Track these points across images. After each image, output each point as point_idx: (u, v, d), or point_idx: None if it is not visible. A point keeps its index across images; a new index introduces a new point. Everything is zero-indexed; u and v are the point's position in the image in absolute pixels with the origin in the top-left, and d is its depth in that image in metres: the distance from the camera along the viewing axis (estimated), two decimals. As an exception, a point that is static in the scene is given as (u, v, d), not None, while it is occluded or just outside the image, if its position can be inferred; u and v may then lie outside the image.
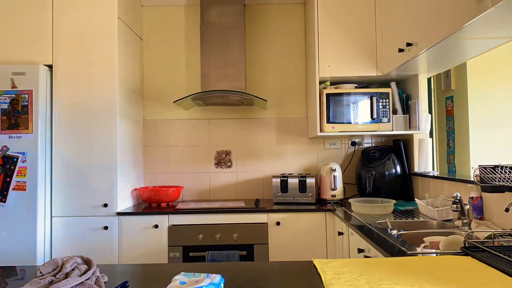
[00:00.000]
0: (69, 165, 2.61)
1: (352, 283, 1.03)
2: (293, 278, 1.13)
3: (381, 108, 2.74)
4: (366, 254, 1.81)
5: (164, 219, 2.61)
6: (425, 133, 2.78)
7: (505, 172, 1.48)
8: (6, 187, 2.46)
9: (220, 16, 2.97)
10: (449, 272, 1.12)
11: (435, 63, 2.36)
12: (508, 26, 1.59)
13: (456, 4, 1.62)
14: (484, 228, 1.78)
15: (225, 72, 2.94)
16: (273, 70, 3.29)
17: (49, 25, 2.66)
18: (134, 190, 2.98)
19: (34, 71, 2.53)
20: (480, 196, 1.93)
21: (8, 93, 2.51)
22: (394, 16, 2.44)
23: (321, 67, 2.76)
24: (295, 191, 2.85)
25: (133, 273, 1.26)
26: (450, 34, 1.70)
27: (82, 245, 2.58)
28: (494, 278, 1.06)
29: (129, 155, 2.87)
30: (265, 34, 3.30)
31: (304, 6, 3.30)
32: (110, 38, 2.66)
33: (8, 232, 2.47)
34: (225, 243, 2.60)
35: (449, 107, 3.40)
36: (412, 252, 1.42)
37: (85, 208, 2.60)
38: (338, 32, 2.77)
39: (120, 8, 2.72)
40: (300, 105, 3.28)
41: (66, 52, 2.65)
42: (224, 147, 3.25)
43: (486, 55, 2.23)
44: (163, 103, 3.25)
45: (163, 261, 2.58)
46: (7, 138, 2.50)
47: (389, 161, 2.82)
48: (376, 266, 1.18)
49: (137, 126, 3.09)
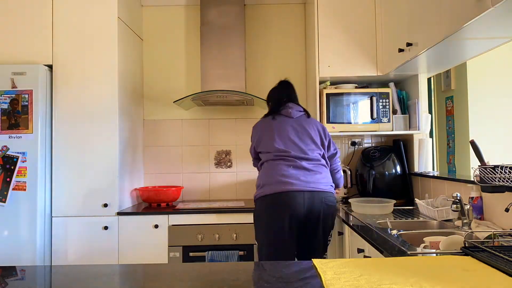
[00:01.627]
0: (69, 165, 2.61)
1: (352, 283, 1.03)
2: (293, 278, 1.13)
3: (381, 108, 2.74)
4: (366, 254, 1.81)
5: (164, 219, 2.61)
6: (425, 133, 2.77)
7: (505, 172, 1.48)
8: (6, 187, 2.46)
9: (220, 16, 2.97)
10: (449, 272, 1.12)
11: (435, 63, 2.36)
12: (508, 26, 1.59)
13: (456, 4, 1.62)
14: (484, 228, 1.78)
15: (225, 72, 2.94)
16: (273, 70, 3.29)
17: (49, 25, 2.66)
18: (134, 190, 2.98)
19: (34, 71, 2.53)
20: (480, 196, 1.93)
21: (8, 93, 2.51)
22: (394, 16, 2.44)
23: (321, 67, 2.76)
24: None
25: (133, 273, 1.26)
26: (450, 34, 1.70)
27: (82, 245, 2.58)
28: (494, 278, 1.06)
29: (129, 155, 2.87)
30: (265, 34, 3.30)
31: (304, 6, 3.30)
32: (110, 38, 2.66)
33: (8, 232, 2.47)
34: (225, 243, 2.60)
35: (449, 107, 3.40)
36: (412, 252, 1.42)
37: (85, 208, 2.60)
38: (338, 32, 2.77)
39: (120, 8, 2.72)
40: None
41: (66, 52, 2.65)
42: (224, 147, 3.25)
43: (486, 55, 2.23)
44: (163, 103, 3.25)
45: (163, 261, 2.58)
46: (7, 138, 2.50)
47: (389, 161, 2.82)
48: (376, 266, 1.18)
49: (137, 126, 3.09)
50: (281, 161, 2.20)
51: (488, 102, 3.14)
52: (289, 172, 2.15)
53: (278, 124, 2.27)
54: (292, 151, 2.20)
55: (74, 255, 2.58)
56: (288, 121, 2.28)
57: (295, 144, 2.21)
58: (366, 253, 1.80)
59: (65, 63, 2.65)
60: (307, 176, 2.16)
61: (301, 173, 2.16)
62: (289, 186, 2.11)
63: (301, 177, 2.14)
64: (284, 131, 2.25)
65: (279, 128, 2.26)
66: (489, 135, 3.10)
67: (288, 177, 2.14)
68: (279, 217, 2.10)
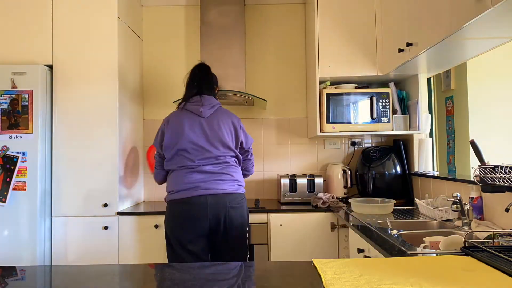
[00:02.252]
0: (69, 165, 2.61)
1: (352, 283, 1.03)
2: (293, 278, 1.13)
3: (381, 108, 2.74)
4: (366, 254, 1.81)
5: (164, 219, 2.61)
6: (425, 133, 2.78)
7: (505, 172, 1.48)
8: (6, 187, 2.46)
9: (220, 16, 2.97)
10: (449, 272, 1.12)
11: (435, 63, 2.36)
12: (508, 26, 1.59)
13: (456, 4, 1.62)
14: (484, 228, 1.78)
15: (225, 72, 2.94)
16: (273, 70, 3.29)
17: (49, 25, 2.66)
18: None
19: (34, 71, 2.53)
20: (480, 196, 1.93)
21: (8, 93, 2.51)
22: (394, 16, 2.44)
23: (321, 67, 2.76)
24: (304, 191, 2.86)
25: (133, 273, 1.26)
26: (450, 34, 1.70)
27: (82, 245, 2.58)
28: (494, 278, 1.06)
29: (129, 155, 2.86)
30: (265, 34, 3.30)
31: (304, 6, 3.30)
32: (110, 38, 2.66)
33: (8, 232, 2.47)
34: (225, 243, 2.60)
35: (449, 107, 3.40)
36: (412, 252, 1.42)
37: (85, 208, 2.60)
38: (338, 32, 2.77)
39: (120, 8, 2.72)
40: (300, 105, 3.28)
41: (66, 52, 2.65)
42: (224, 147, 3.25)
43: (486, 55, 2.23)
44: (163, 103, 3.25)
45: (163, 261, 2.58)
46: (7, 138, 2.50)
47: (389, 161, 2.82)
48: (376, 266, 1.18)
49: (137, 126, 3.09)
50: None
51: (488, 102, 3.14)
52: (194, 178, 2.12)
53: (188, 122, 2.16)
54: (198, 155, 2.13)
55: (74, 255, 2.58)
56: (197, 121, 2.17)
57: (202, 148, 2.13)
58: (366, 253, 1.80)
59: (65, 63, 2.65)
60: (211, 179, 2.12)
61: (206, 177, 2.12)
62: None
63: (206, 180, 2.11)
64: (193, 132, 2.14)
65: (189, 128, 2.15)
66: (489, 135, 3.10)
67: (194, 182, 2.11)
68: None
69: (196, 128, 2.15)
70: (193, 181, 2.10)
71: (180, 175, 2.13)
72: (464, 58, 2.20)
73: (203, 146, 2.13)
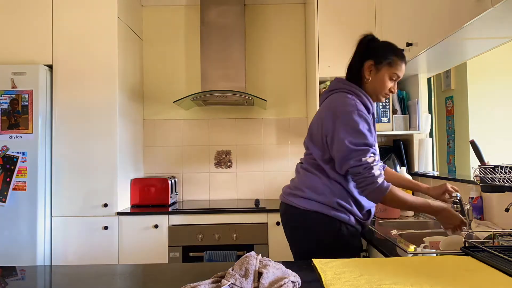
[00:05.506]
0: (69, 165, 2.61)
1: (352, 283, 1.03)
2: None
3: (381, 108, 2.74)
4: (366, 254, 1.81)
5: (164, 219, 2.61)
6: (425, 133, 2.77)
7: (505, 172, 1.48)
8: (6, 187, 2.46)
9: (220, 16, 2.97)
10: (449, 272, 1.12)
11: (435, 63, 2.36)
12: (508, 26, 1.59)
13: (456, 4, 1.62)
14: (484, 228, 1.78)
15: (225, 72, 2.94)
16: (273, 70, 3.29)
17: (49, 25, 2.66)
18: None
19: (34, 71, 2.53)
20: (480, 196, 1.93)
21: (8, 93, 2.51)
22: (394, 16, 2.44)
23: (321, 67, 2.76)
24: None
25: (133, 273, 1.26)
26: (450, 34, 1.70)
27: (82, 245, 2.58)
28: (494, 278, 1.06)
29: (129, 155, 2.86)
30: (265, 34, 3.30)
31: (304, 6, 3.30)
32: (110, 38, 2.65)
33: (8, 232, 2.46)
34: (225, 243, 2.60)
35: (449, 107, 3.40)
36: (412, 252, 1.42)
37: (85, 208, 2.60)
38: (338, 32, 2.76)
39: (120, 8, 2.72)
40: (300, 105, 3.28)
41: (66, 52, 2.65)
42: (224, 147, 3.25)
43: (486, 55, 2.23)
44: (163, 103, 3.25)
45: (163, 261, 2.58)
46: (7, 138, 2.50)
47: (389, 161, 2.82)
48: (376, 266, 1.18)
49: (137, 126, 3.09)
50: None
51: (488, 102, 3.13)
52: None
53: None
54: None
55: (74, 255, 2.58)
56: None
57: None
58: (366, 253, 1.80)
59: (65, 63, 2.65)
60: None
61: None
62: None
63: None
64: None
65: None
66: (489, 135, 3.10)
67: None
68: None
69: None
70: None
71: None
72: (464, 58, 2.20)
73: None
